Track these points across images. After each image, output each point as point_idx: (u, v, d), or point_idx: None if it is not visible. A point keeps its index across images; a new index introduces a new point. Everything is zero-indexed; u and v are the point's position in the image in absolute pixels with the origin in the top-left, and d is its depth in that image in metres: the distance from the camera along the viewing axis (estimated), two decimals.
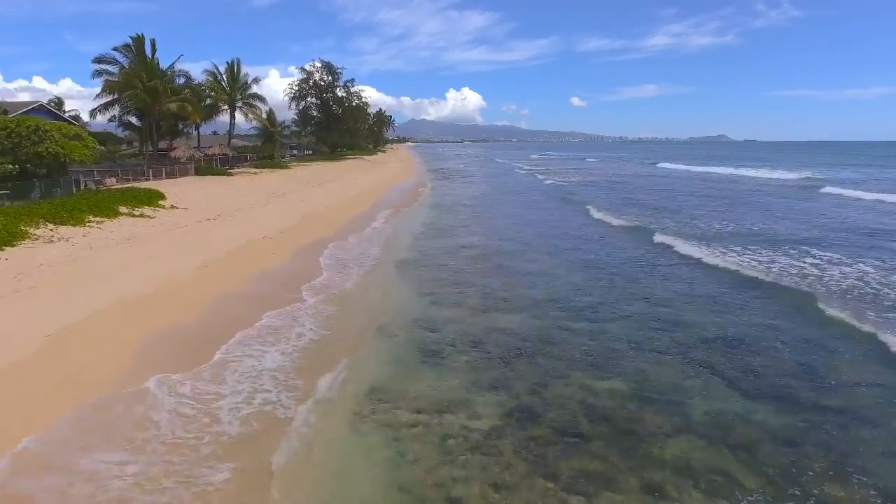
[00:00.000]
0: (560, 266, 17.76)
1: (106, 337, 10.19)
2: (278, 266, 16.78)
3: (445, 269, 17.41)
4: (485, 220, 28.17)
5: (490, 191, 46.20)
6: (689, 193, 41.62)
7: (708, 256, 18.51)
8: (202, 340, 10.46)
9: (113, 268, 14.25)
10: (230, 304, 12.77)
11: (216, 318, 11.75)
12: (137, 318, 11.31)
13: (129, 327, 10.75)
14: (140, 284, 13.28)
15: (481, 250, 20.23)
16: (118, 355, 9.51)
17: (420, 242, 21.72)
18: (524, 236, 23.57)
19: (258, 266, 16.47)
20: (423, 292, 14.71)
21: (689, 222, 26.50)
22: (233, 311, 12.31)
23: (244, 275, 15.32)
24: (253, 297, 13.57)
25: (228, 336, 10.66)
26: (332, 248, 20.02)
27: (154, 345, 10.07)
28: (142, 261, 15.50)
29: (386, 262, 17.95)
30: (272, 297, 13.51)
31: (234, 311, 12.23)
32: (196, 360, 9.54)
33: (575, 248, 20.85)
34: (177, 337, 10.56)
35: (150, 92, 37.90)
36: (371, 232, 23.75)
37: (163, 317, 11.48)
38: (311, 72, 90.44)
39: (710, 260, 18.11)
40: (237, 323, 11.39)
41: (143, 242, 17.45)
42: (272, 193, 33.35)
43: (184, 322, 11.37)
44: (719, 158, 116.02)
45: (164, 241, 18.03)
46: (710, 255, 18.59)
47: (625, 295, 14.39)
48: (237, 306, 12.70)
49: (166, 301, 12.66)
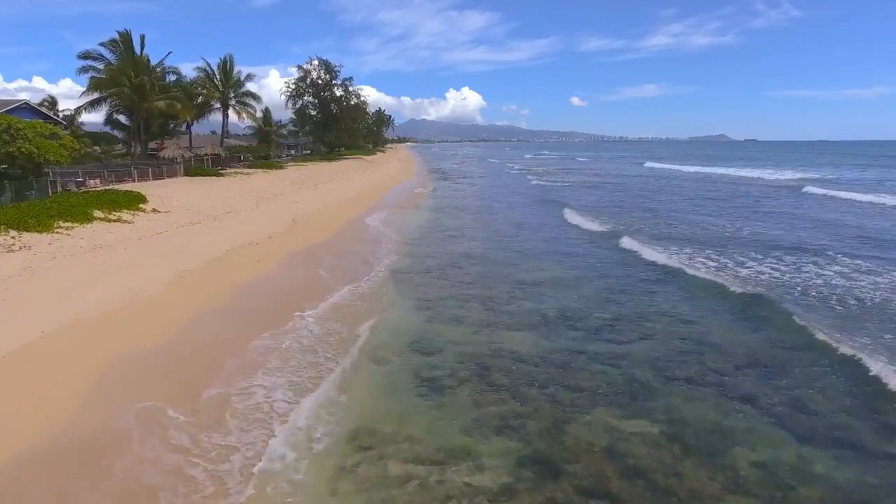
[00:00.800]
0: (561, 278, 16.46)
1: (53, 367, 8.89)
2: (265, 276, 15.49)
3: (444, 279, 16.13)
4: (483, 225, 26.89)
5: (482, 192, 45.04)
6: (667, 192, 42.29)
7: (715, 268, 17.25)
8: (173, 369, 9.18)
9: (75, 281, 12.94)
10: (208, 324, 11.49)
11: (191, 340, 10.47)
12: (96, 341, 10.01)
13: (84, 353, 9.46)
14: (103, 300, 11.99)
15: (477, 257, 18.97)
16: (66, 389, 8.21)
17: (417, 249, 20.42)
18: (515, 242, 22.28)
19: (242, 276, 15.18)
20: (420, 306, 13.41)
21: (671, 225, 25.87)
22: (211, 331, 11.05)
23: (226, 287, 14.04)
24: (235, 314, 12.30)
25: (207, 365, 9.36)
26: (324, 255, 18.75)
27: (113, 377, 8.76)
28: (110, 272, 14.19)
29: (382, 272, 16.64)
30: (257, 314, 12.26)
31: (212, 332, 10.96)
32: (162, 395, 8.24)
33: (566, 255, 19.56)
34: (143, 365, 9.26)
35: (136, 89, 36.57)
36: (367, 237, 22.47)
37: (126, 340, 10.19)
38: (309, 70, 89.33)
39: (717, 272, 16.85)
40: (214, 349, 10.10)
41: (115, 250, 16.14)
42: (263, 195, 32.06)
43: (151, 346, 10.08)
44: (710, 158, 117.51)
45: (139, 249, 16.73)
46: (716, 267, 17.32)
47: (639, 310, 13.10)
48: (216, 325, 11.43)
49: (133, 320, 11.38)
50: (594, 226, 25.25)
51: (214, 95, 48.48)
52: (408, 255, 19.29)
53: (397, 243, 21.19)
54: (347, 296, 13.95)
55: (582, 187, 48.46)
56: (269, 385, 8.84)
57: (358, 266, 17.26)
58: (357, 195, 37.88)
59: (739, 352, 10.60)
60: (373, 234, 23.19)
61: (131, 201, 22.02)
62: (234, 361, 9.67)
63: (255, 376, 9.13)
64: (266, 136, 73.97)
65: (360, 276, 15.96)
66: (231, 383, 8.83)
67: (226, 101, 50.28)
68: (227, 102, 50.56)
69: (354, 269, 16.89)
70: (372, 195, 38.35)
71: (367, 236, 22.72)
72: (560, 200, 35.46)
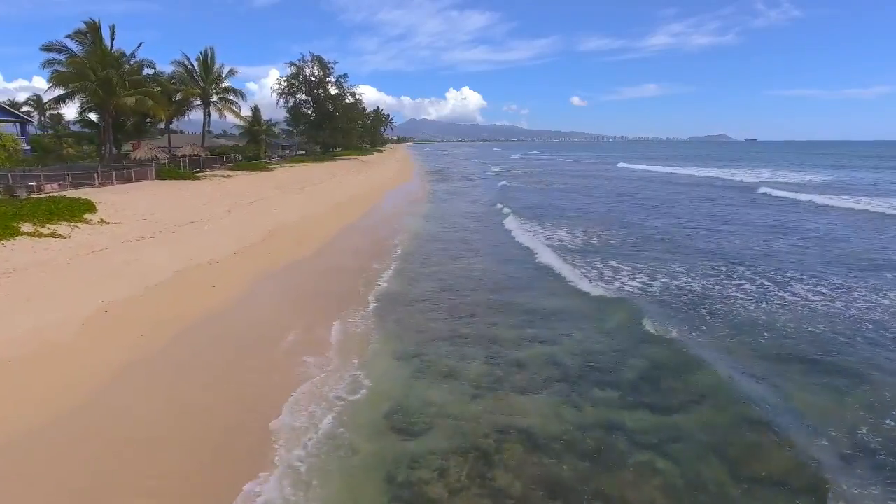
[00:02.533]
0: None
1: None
2: (217, 311, 12.60)
3: (438, 311, 13.21)
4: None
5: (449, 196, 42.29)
6: (613, 192, 42.94)
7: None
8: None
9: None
10: (126, 393, 8.60)
11: (108, 419, 7.63)
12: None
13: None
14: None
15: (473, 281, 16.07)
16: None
17: (407, 266, 17.49)
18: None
19: (187, 310, 12.31)
20: (404, 354, 10.48)
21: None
22: (137, 403, 8.20)
23: (160, 329, 11.13)
24: (172, 370, 9.43)
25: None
26: (296, 279, 15.85)
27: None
28: (12, 307, 11.27)
29: (367, 306, 13.73)
30: (202, 368, 9.41)
31: (137, 406, 8.11)
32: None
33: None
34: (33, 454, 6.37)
35: (102, 84, 33.64)
36: (353, 251, 19.54)
37: (12, 412, 7.34)
38: (302, 66, 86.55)
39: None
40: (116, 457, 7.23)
41: (30, 276, 13.22)
42: (239, 201, 29.15)
43: (34, 427, 7.20)
44: (688, 158, 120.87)
45: (64, 273, 13.82)
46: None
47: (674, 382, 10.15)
48: (144, 394, 8.57)
49: (26, 379, 8.51)
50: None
51: (194, 92, 45.42)
52: (398, 278, 16.36)
53: (388, 259, 18.28)
54: (317, 342, 11.03)
55: (539, 189, 47.60)
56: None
57: (338, 296, 14.34)
58: (348, 199, 34.98)
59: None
60: (360, 248, 20.26)
61: (74, 211, 19.11)
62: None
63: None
64: (255, 136, 71.14)
65: (341, 306, 13.03)
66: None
67: (206, 97, 47.25)
68: (208, 99, 47.55)
69: (332, 298, 13.98)
70: (364, 199, 35.42)
71: (354, 251, 19.79)
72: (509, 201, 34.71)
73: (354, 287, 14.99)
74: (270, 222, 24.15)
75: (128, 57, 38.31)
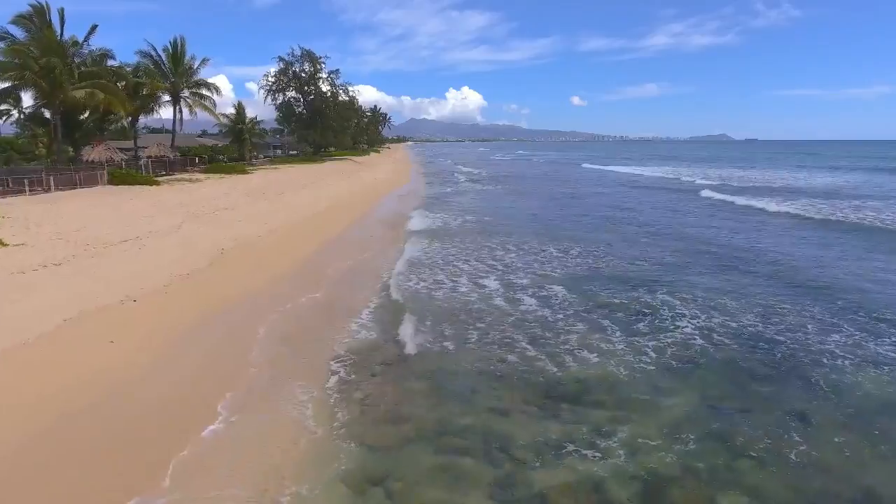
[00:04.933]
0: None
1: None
2: (111, 386, 8.72)
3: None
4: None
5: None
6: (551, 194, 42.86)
7: None
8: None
9: None
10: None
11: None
12: None
13: None
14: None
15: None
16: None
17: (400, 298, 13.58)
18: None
19: (68, 384, 8.39)
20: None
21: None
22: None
23: (29, 413, 7.24)
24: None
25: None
26: (241, 327, 11.88)
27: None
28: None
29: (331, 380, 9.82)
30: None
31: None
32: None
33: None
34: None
35: (45, 74, 29.71)
36: (324, 281, 15.59)
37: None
38: (291, 62, 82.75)
39: None
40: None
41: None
42: (199, 211, 25.25)
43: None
44: (656, 158, 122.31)
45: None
46: None
47: None
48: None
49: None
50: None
51: (160, 86, 41.30)
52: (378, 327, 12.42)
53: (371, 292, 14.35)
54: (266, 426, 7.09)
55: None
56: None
57: (290, 374, 10.39)
58: (329, 207, 31.04)
59: None
60: (335, 276, 16.31)
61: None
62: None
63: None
64: (239, 135, 67.31)
65: (295, 370, 9.07)
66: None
67: (176, 92, 43.19)
68: (178, 94, 43.46)
69: (285, 360, 10.03)
70: (350, 208, 31.46)
71: (326, 280, 15.83)
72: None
73: (320, 347, 11.03)
74: (227, 239, 20.20)
75: (80, 45, 34.32)
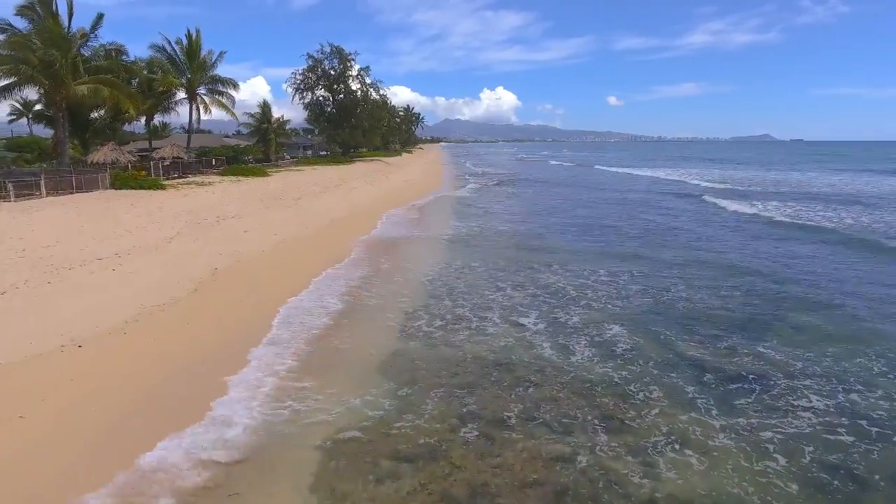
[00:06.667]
0: None
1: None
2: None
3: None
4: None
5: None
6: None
7: None
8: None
9: None
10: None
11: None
12: None
13: None
14: None
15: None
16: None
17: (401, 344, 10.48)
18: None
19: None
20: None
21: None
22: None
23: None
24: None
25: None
26: (197, 400, 8.91)
27: None
28: None
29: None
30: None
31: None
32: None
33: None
34: None
35: (45, 68, 27.70)
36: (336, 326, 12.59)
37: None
38: (320, 59, 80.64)
39: None
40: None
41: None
42: (202, 219, 22.68)
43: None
44: (676, 160, 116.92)
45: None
46: None
47: None
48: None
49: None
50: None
51: (174, 82, 39.16)
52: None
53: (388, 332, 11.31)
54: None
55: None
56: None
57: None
58: (349, 215, 28.15)
59: None
60: (336, 315, 13.28)
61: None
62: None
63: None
64: (264, 135, 65.44)
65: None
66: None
67: (192, 88, 41.09)
68: (195, 91, 41.35)
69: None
70: (372, 216, 28.51)
71: (326, 318, 12.82)
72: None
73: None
74: (226, 254, 17.44)
75: (87, 37, 32.29)
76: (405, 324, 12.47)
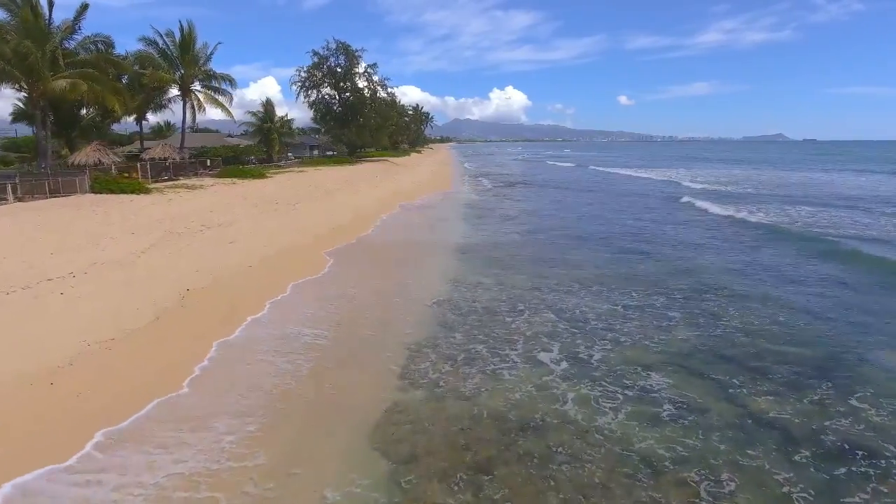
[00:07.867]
0: None
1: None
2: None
3: None
4: None
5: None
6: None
7: None
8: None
9: None
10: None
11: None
12: None
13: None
14: None
15: None
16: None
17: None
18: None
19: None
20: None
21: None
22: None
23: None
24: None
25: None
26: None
27: None
28: None
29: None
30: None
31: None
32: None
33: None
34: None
35: (20, 61, 25.74)
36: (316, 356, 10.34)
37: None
38: (326, 56, 78.60)
39: None
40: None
41: None
42: (185, 227, 20.58)
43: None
44: (676, 159, 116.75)
45: None
46: None
47: None
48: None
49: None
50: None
51: (166, 78, 37.10)
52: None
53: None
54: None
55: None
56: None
57: None
58: (349, 222, 25.90)
59: None
60: (320, 354, 11.05)
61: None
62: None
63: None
64: (267, 135, 63.51)
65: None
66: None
67: (186, 84, 39.00)
68: (188, 87, 39.23)
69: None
70: (374, 222, 26.27)
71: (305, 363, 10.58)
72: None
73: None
74: (202, 272, 15.26)
75: (71, 29, 30.30)
76: (407, 365, 10.20)
